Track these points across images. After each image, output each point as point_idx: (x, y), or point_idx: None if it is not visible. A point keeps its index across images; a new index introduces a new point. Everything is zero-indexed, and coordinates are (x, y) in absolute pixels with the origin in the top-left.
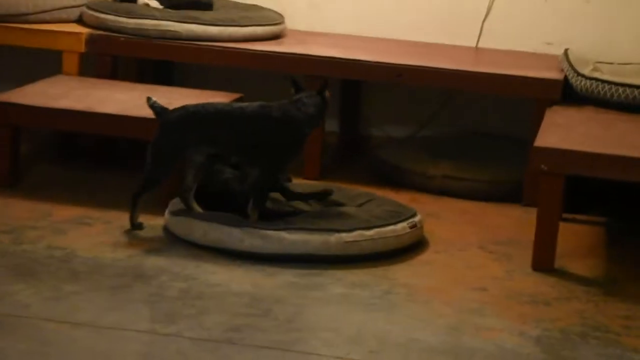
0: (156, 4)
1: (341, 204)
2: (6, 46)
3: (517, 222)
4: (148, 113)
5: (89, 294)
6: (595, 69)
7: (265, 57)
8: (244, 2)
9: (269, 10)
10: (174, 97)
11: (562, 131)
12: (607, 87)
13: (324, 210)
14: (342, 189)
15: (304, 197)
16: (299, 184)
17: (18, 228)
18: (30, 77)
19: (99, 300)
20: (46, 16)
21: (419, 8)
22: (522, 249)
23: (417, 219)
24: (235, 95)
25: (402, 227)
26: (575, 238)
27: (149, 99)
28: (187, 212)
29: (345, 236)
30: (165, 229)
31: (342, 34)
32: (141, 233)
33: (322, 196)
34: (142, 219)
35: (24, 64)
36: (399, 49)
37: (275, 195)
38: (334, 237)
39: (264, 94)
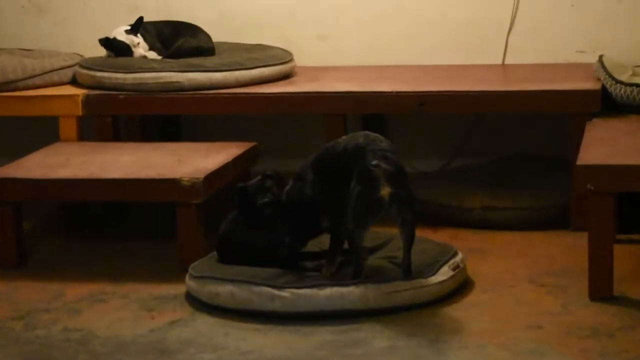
0: (154, 55)
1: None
2: None
3: (568, 249)
4: (158, 173)
5: None
6: (634, 74)
7: (277, 100)
8: (247, 42)
9: (276, 48)
10: (183, 153)
11: (606, 145)
12: None
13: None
14: (373, 233)
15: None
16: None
17: (30, 312)
18: (26, 148)
19: None
20: (37, 81)
21: (436, 29)
22: (576, 279)
23: (458, 258)
24: (250, 144)
25: (444, 271)
26: (633, 260)
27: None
28: (211, 274)
29: (384, 287)
30: (188, 296)
31: (356, 65)
32: (162, 304)
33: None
34: (161, 288)
35: (18, 134)
36: (418, 75)
37: None
38: (371, 290)
39: (280, 139)
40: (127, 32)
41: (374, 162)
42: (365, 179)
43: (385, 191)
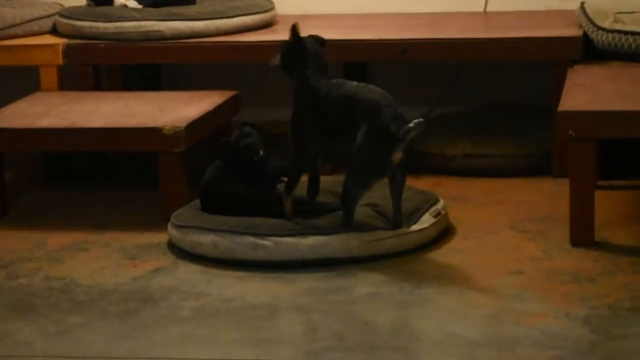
0: (134, 4)
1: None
2: None
3: (550, 196)
4: (139, 122)
5: (96, 324)
6: (616, 21)
7: (259, 48)
8: None
9: None
10: (164, 102)
11: (587, 92)
12: (631, 38)
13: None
14: None
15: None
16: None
17: (12, 261)
18: (6, 98)
19: (106, 330)
20: (17, 30)
21: None
22: (558, 225)
23: (440, 205)
24: (231, 93)
25: (426, 219)
26: (614, 206)
27: None
28: (193, 224)
29: (367, 236)
30: (170, 244)
31: (338, 13)
32: (144, 252)
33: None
34: (144, 237)
35: None
36: (401, 23)
37: None
38: (354, 238)
39: (261, 88)
40: None
41: (410, 126)
42: (380, 138)
43: (397, 155)
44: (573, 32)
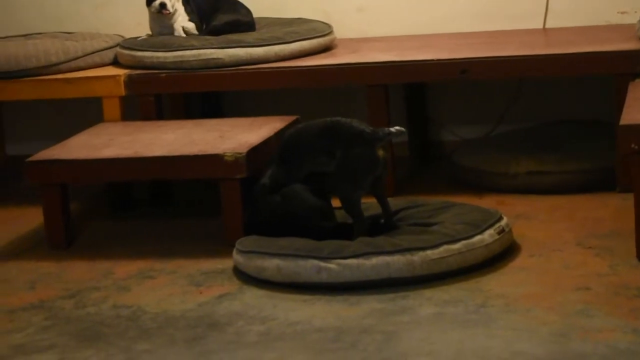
0: (192, 26)
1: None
2: (42, 100)
3: (615, 211)
4: (200, 150)
5: (163, 351)
6: None
7: (318, 73)
8: (287, 16)
9: (315, 21)
10: (225, 129)
11: None
12: None
13: (404, 228)
14: (418, 202)
15: None
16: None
17: (80, 291)
18: (70, 129)
19: (174, 357)
20: (79, 62)
21: None
22: (623, 240)
23: (503, 222)
24: (291, 118)
25: (489, 234)
26: None
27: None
28: (257, 249)
29: (431, 253)
30: (235, 269)
31: (397, 35)
32: (210, 279)
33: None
34: (208, 263)
35: (62, 115)
36: (459, 42)
37: None
38: (417, 257)
39: (321, 113)
40: None
41: (388, 130)
42: (360, 143)
43: (381, 152)
44: (633, 45)
